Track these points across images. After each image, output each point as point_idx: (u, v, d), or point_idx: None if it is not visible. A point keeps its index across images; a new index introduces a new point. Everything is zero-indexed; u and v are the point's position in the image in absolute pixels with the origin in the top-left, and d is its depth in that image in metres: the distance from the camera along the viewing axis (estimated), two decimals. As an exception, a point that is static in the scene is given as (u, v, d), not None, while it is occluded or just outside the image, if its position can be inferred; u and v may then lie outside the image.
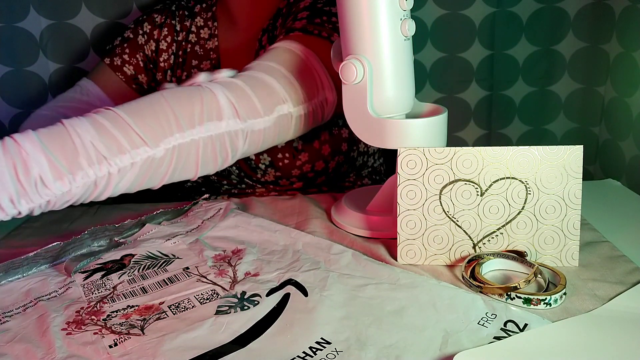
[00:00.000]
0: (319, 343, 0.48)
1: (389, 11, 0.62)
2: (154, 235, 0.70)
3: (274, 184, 0.92)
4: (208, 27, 0.95)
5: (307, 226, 0.72)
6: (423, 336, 0.48)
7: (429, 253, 0.61)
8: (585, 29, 1.10)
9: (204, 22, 0.96)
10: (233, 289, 0.58)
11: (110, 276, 0.62)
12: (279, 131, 0.72)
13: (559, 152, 0.57)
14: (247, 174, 0.92)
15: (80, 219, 0.82)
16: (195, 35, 0.96)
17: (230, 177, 0.93)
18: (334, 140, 0.90)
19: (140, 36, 0.97)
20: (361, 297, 0.55)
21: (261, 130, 0.69)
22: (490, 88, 1.16)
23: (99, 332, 0.52)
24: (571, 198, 0.58)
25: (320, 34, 0.77)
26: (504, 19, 1.10)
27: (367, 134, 0.66)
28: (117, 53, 0.96)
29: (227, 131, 0.66)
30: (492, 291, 0.54)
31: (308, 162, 0.89)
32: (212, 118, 0.64)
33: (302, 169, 0.89)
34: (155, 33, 0.97)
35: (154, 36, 0.97)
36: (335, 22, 0.79)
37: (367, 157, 0.99)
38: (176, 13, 0.97)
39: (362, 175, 0.99)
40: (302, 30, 0.78)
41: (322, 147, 0.89)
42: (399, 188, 0.60)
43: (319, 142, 0.89)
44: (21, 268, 0.63)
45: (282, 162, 0.88)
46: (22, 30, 1.05)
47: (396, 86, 0.65)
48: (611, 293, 0.54)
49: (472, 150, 0.58)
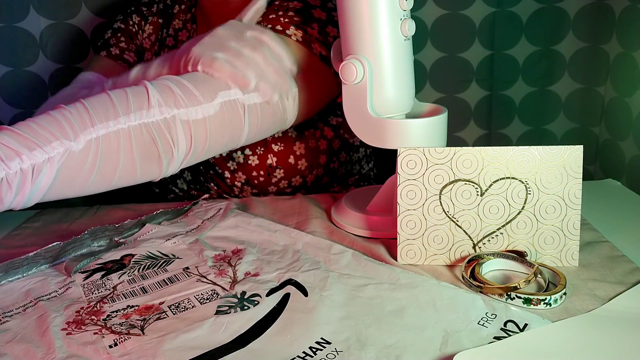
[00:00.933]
0: (319, 343, 0.48)
1: (389, 11, 0.62)
2: (154, 235, 0.70)
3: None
4: (187, 29, 0.93)
5: (307, 226, 0.72)
6: (423, 336, 0.48)
7: (429, 253, 0.61)
8: (585, 29, 1.10)
9: (182, 24, 0.93)
10: (233, 289, 0.58)
11: (110, 276, 0.62)
12: (229, 122, 0.66)
13: (559, 152, 0.57)
14: (225, 190, 0.91)
15: (80, 219, 0.82)
16: (173, 39, 0.93)
17: (210, 192, 0.93)
18: (311, 154, 0.87)
19: (131, 26, 0.95)
20: (361, 297, 0.55)
21: (204, 119, 0.64)
22: (490, 88, 1.16)
23: (99, 332, 0.52)
24: (571, 198, 0.58)
25: (274, 28, 0.75)
26: (504, 19, 1.11)
27: (367, 134, 0.66)
28: (113, 43, 0.93)
29: (161, 118, 0.60)
30: (492, 291, 0.54)
31: (284, 179, 0.87)
32: (141, 107, 0.60)
33: (278, 185, 0.88)
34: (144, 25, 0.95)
35: (143, 27, 0.95)
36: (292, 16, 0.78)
37: (351, 166, 0.96)
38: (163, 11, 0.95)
39: (348, 184, 0.96)
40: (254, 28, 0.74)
41: (298, 162, 0.87)
42: (399, 188, 0.60)
43: (294, 157, 0.86)
44: (21, 268, 0.63)
45: (257, 180, 0.87)
46: (22, 30, 1.05)
47: (396, 86, 0.65)
48: (611, 293, 0.54)
49: (472, 150, 0.58)
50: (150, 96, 0.61)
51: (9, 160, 0.52)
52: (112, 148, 0.58)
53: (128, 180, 0.62)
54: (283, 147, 0.86)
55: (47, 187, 0.56)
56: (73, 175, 0.57)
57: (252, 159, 0.86)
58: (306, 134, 0.87)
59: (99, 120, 0.57)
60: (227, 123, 0.66)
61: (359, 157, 0.97)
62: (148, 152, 0.61)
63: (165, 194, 0.98)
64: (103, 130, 0.57)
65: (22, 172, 0.53)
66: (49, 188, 0.56)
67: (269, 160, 0.86)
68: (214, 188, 0.91)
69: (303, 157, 0.87)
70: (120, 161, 0.59)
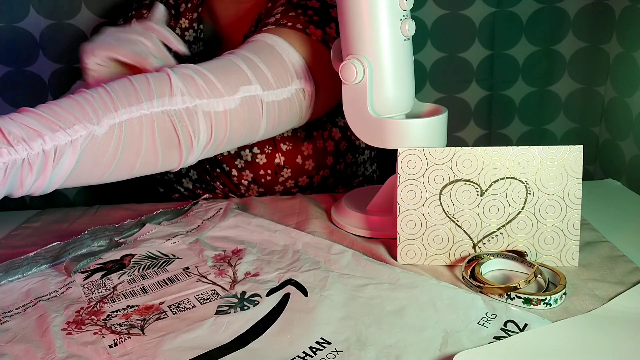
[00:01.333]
0: (319, 343, 0.48)
1: (389, 11, 0.62)
2: (154, 235, 0.70)
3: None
4: (193, 29, 0.92)
5: (307, 226, 0.72)
6: (423, 336, 0.48)
7: (429, 253, 0.61)
8: (585, 29, 1.10)
9: (189, 23, 0.93)
10: (233, 289, 0.58)
11: (110, 276, 0.62)
12: (248, 117, 0.67)
13: (559, 152, 0.57)
14: (230, 189, 0.91)
15: (80, 219, 0.82)
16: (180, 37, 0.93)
17: (215, 192, 0.93)
18: (318, 155, 0.88)
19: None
20: (361, 297, 0.55)
21: (225, 111, 0.64)
22: (490, 88, 1.16)
23: (99, 332, 0.52)
24: (571, 198, 0.58)
25: (294, 26, 0.75)
26: (504, 19, 1.10)
27: (367, 134, 0.66)
28: None
29: (184, 107, 0.60)
30: (492, 291, 0.54)
31: (291, 178, 0.87)
32: (163, 94, 0.59)
33: (285, 184, 0.88)
34: None
35: None
36: (312, 15, 0.77)
37: (356, 168, 0.96)
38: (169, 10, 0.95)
39: (352, 186, 0.96)
40: (275, 24, 0.76)
41: (306, 163, 0.87)
42: (399, 188, 0.60)
43: (302, 157, 0.87)
44: (21, 268, 0.63)
45: (264, 179, 0.87)
46: (22, 30, 1.05)
47: (396, 86, 0.65)
48: (611, 293, 0.54)
49: (472, 150, 0.58)
50: (173, 84, 0.60)
51: (31, 141, 0.50)
52: (135, 134, 0.57)
53: (149, 168, 0.61)
54: (291, 146, 0.86)
55: (69, 172, 0.54)
56: (95, 161, 0.56)
57: (260, 158, 0.86)
58: (315, 135, 0.87)
59: (122, 105, 0.56)
60: (246, 118, 0.67)
61: (364, 159, 0.97)
62: (170, 140, 0.60)
63: (171, 193, 0.98)
64: (126, 115, 0.56)
65: (45, 153, 0.51)
66: (70, 173, 0.54)
67: (276, 159, 0.86)
68: (220, 187, 0.91)
69: (311, 157, 0.87)
70: (142, 147, 0.58)
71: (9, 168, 0.49)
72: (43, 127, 0.52)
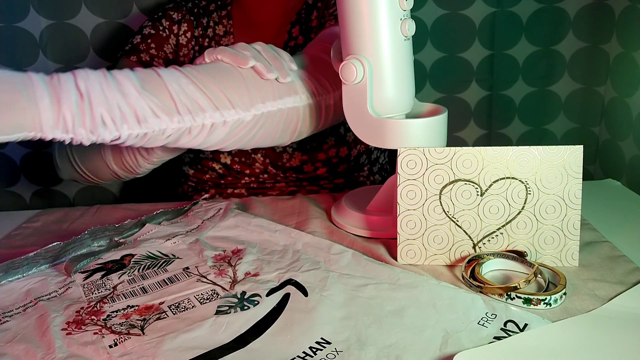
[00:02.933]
0: (319, 343, 0.48)
1: (389, 11, 0.62)
2: (154, 235, 0.70)
3: (297, 171, 0.93)
4: (223, 24, 0.96)
5: (307, 226, 0.72)
6: (423, 336, 0.48)
7: (429, 253, 0.61)
8: (585, 29, 1.10)
9: (218, 19, 0.96)
10: (233, 289, 0.58)
11: (110, 276, 0.62)
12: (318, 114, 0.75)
13: (559, 152, 0.57)
14: (272, 160, 0.93)
15: (80, 219, 0.82)
16: (212, 31, 0.96)
17: (254, 165, 0.94)
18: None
19: (161, 31, 0.94)
20: (361, 297, 0.55)
21: (331, 105, 0.74)
22: (490, 88, 1.16)
23: (99, 332, 0.52)
24: (571, 198, 0.58)
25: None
26: (504, 19, 1.10)
27: (367, 134, 0.66)
28: (143, 49, 0.92)
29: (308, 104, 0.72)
30: (492, 291, 0.54)
31: (334, 147, 0.92)
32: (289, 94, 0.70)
33: (328, 152, 0.92)
34: (175, 28, 0.95)
35: (174, 31, 0.95)
36: None
37: (380, 153, 1.02)
38: (193, 10, 0.96)
39: (373, 171, 1.01)
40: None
41: (347, 134, 0.93)
42: (399, 188, 0.60)
43: (344, 129, 0.92)
44: (21, 268, 0.63)
45: (309, 145, 0.91)
46: (22, 30, 1.05)
47: (396, 86, 0.65)
48: (611, 293, 0.54)
49: (472, 150, 0.58)
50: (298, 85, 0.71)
51: (195, 115, 0.62)
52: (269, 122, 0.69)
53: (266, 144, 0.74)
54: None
55: (214, 143, 0.67)
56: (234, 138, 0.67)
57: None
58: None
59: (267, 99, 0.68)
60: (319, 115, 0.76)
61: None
62: (288, 128, 0.72)
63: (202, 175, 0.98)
64: (270, 107, 0.68)
65: (204, 127, 0.63)
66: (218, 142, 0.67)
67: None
68: (260, 159, 0.94)
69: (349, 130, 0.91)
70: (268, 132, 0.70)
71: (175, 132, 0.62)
72: (209, 105, 0.63)
